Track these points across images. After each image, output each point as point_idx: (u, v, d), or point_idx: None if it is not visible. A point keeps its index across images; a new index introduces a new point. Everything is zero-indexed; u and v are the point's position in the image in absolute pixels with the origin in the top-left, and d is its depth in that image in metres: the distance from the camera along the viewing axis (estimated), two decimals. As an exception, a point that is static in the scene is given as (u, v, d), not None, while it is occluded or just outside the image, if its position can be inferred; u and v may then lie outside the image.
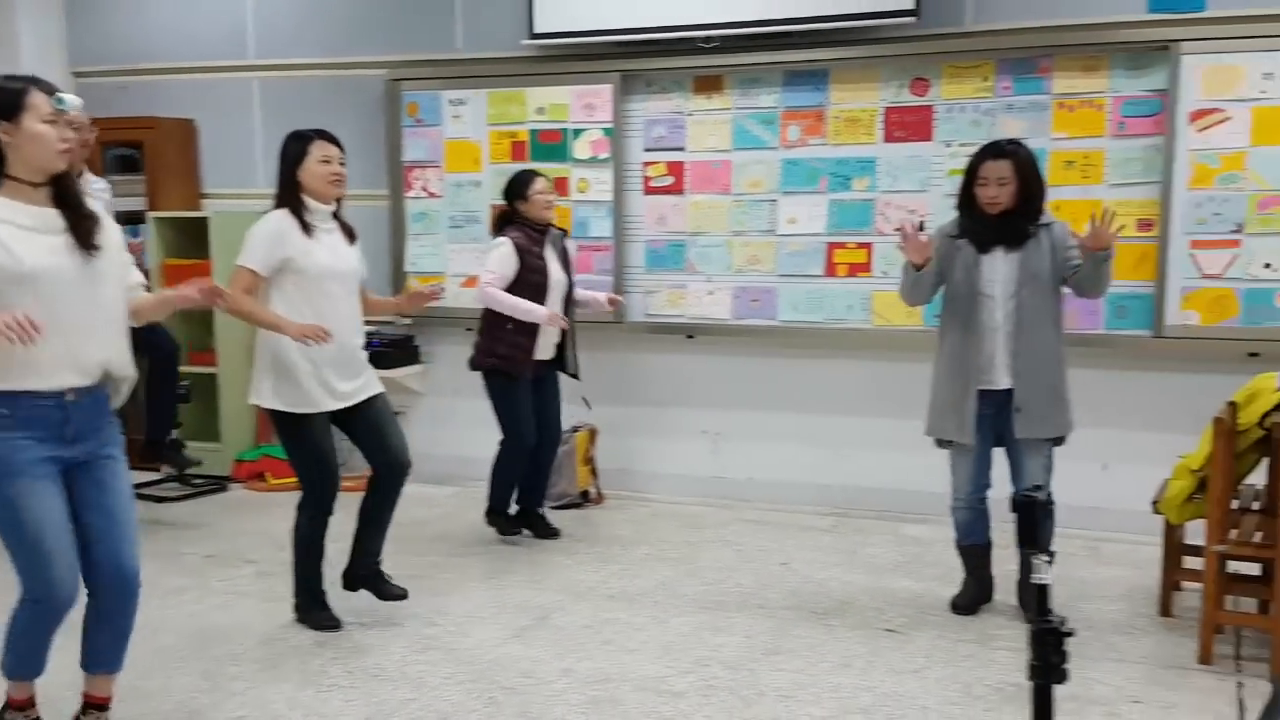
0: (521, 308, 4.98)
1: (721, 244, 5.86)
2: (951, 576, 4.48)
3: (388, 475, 4.16)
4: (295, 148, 3.97)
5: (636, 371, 6.16)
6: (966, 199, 4.12)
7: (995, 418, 4.14)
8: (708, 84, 5.81)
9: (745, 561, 4.99)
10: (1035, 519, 2.20)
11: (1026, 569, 4.18)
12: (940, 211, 5.33)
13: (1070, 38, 5.11)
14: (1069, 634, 2.15)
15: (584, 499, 5.96)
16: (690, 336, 5.98)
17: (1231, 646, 3.93)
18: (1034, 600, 2.19)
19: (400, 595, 4.23)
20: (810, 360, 5.80)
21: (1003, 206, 4.03)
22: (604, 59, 5.92)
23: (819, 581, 4.71)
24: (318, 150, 3.95)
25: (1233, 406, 3.89)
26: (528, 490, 5.36)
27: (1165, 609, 4.26)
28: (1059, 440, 4.16)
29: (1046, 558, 2.21)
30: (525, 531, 5.33)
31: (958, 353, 4.14)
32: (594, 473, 6.03)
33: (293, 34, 6.58)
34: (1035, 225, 4.05)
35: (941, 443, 4.27)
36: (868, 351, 5.63)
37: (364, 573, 4.24)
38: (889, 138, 5.49)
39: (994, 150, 4.06)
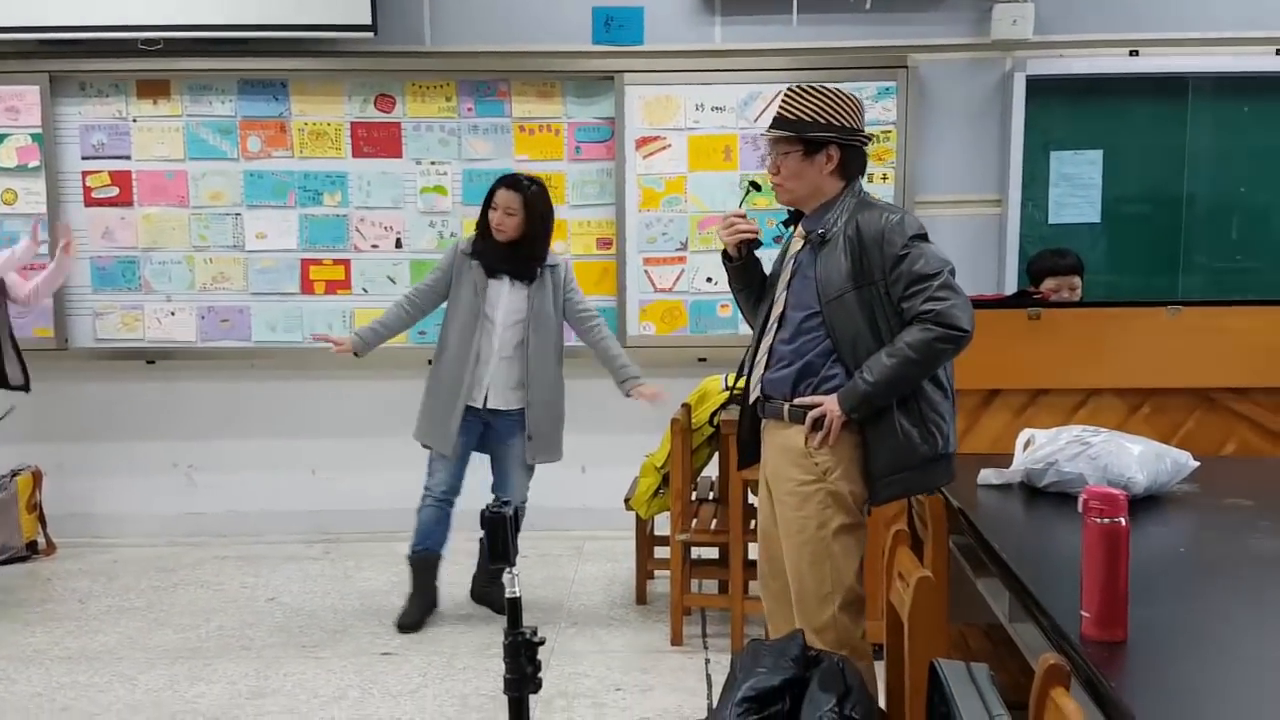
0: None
1: (181, 260, 5.48)
2: (449, 587, 4.51)
3: None
4: None
5: (89, 403, 5.61)
6: (483, 223, 4.26)
7: (483, 432, 4.32)
8: (153, 89, 5.42)
9: (227, 602, 4.71)
10: (505, 534, 2.26)
11: (487, 571, 4.42)
12: (416, 228, 5.40)
13: (525, 64, 5.35)
14: (540, 643, 2.24)
15: (31, 551, 5.30)
16: (151, 362, 5.55)
17: (699, 627, 4.31)
18: (507, 613, 2.27)
19: None
20: (291, 381, 5.59)
21: (509, 236, 4.20)
22: (28, 58, 5.32)
23: (310, 613, 4.55)
24: None
25: (686, 408, 4.28)
26: None
27: (641, 597, 4.60)
28: None
29: (515, 571, 2.28)
30: None
31: (453, 367, 4.25)
32: (42, 520, 5.37)
33: None
34: (542, 265, 4.26)
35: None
36: (352, 370, 5.52)
37: None
38: (358, 153, 5.43)
39: (510, 182, 4.25)
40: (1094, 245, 5.31)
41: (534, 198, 4.22)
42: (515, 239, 4.21)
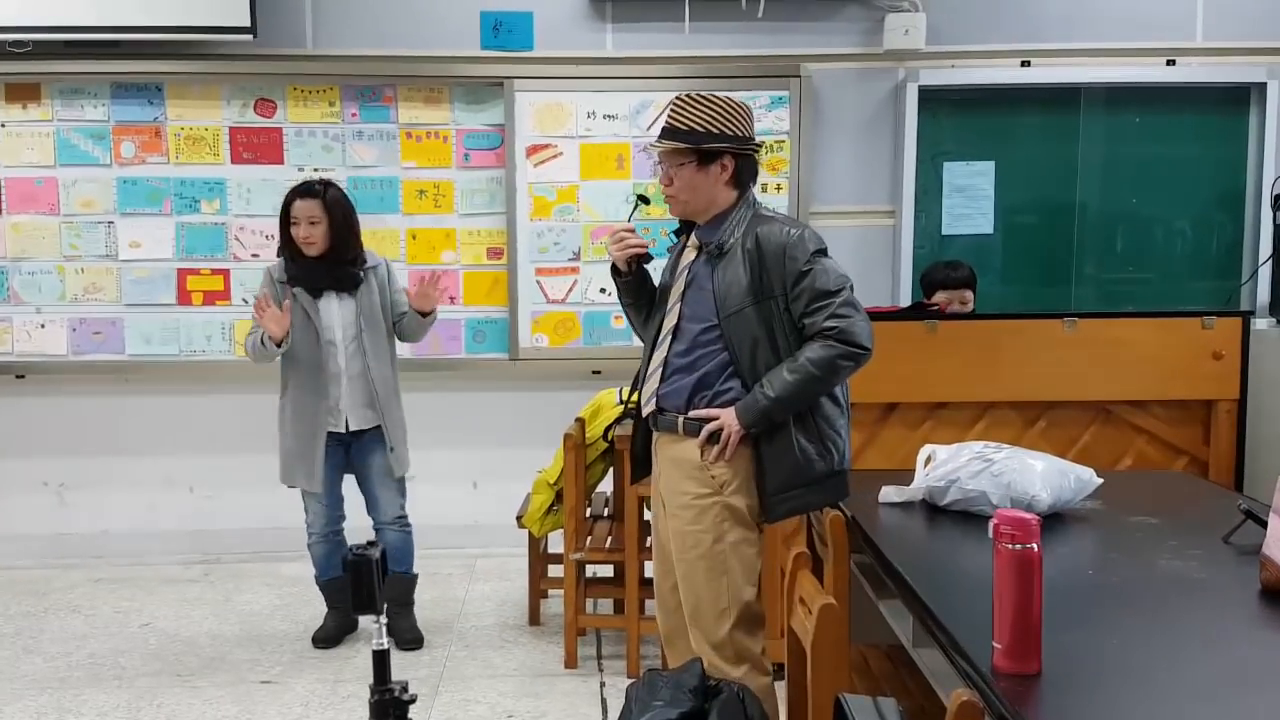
0: None
1: (52, 270, 5.23)
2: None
3: None
4: None
5: (-47, 421, 5.30)
6: (286, 242, 4.04)
7: (345, 455, 4.15)
8: (22, 92, 5.16)
9: (98, 627, 4.48)
10: (371, 580, 2.08)
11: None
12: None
13: (411, 69, 5.18)
14: (411, 701, 2.08)
15: (-115, 582, 4.96)
16: (20, 376, 5.29)
17: (594, 648, 4.20)
18: (374, 668, 2.11)
19: None
20: (167, 396, 5.36)
21: (319, 247, 4.00)
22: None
23: (186, 639, 4.34)
24: None
25: (580, 422, 4.17)
26: None
27: (534, 618, 4.47)
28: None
29: (381, 620, 2.12)
30: None
31: (304, 399, 4.07)
32: (-102, 548, 5.05)
33: None
34: (363, 268, 4.07)
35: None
36: (231, 384, 5.31)
37: None
38: (237, 159, 5.22)
39: (303, 190, 4.03)
40: (987, 256, 5.33)
41: (333, 199, 4.02)
42: (326, 249, 4.01)
